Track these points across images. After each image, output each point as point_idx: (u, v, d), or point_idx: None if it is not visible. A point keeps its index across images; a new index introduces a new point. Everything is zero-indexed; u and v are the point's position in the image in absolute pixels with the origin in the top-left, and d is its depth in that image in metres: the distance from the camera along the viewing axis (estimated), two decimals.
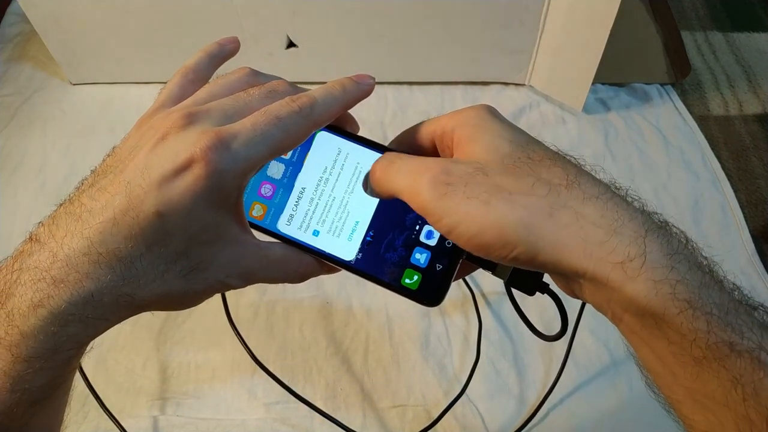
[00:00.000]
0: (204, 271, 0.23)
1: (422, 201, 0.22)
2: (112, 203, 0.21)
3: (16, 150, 0.59)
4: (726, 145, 0.63)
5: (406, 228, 0.27)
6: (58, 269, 0.21)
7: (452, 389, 0.45)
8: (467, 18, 0.58)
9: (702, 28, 0.75)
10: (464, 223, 0.21)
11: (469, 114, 0.24)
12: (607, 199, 0.21)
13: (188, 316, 0.48)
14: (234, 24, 0.58)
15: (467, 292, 0.50)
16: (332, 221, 0.28)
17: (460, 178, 0.22)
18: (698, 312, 0.19)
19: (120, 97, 0.64)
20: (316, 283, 0.50)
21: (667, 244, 0.21)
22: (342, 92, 0.26)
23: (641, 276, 0.20)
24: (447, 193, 0.22)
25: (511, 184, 0.22)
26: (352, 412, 0.44)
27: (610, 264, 0.20)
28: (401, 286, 0.27)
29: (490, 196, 0.21)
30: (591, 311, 0.50)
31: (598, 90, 0.66)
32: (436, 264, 0.27)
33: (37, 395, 0.22)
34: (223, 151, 0.21)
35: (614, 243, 0.20)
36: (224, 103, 0.24)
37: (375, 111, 0.63)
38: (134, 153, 0.23)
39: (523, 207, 0.21)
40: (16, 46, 0.68)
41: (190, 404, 0.44)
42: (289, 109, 0.24)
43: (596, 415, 0.45)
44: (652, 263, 0.20)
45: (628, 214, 0.21)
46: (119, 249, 0.21)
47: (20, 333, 0.20)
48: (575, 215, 0.21)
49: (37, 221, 0.57)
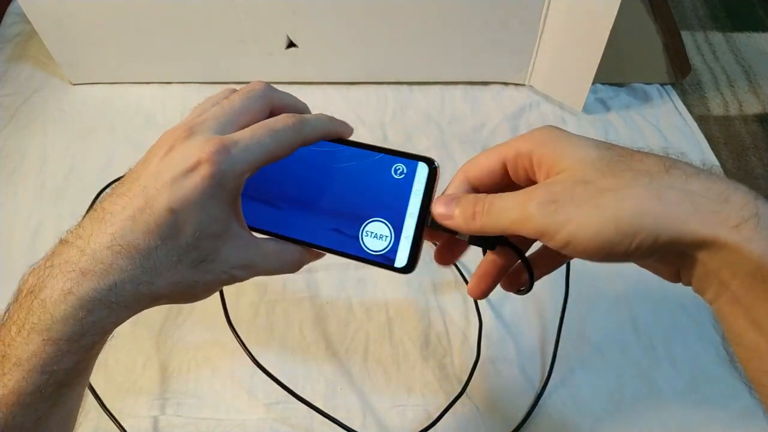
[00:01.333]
0: (212, 263, 0.26)
1: (536, 225, 0.24)
2: (131, 204, 0.25)
3: (16, 150, 0.59)
4: (726, 145, 0.63)
5: (375, 207, 0.30)
6: (86, 262, 0.24)
7: (452, 389, 0.45)
8: (467, 18, 0.58)
9: (702, 28, 0.75)
10: (581, 230, 0.23)
11: (542, 134, 0.26)
12: (708, 174, 0.23)
13: (188, 315, 0.48)
14: (234, 24, 0.58)
15: (467, 292, 0.50)
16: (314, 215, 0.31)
17: (564, 193, 0.23)
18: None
19: (120, 97, 0.64)
20: (316, 283, 0.50)
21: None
22: (330, 121, 0.30)
23: (756, 235, 0.21)
24: (557, 209, 0.23)
25: (612, 183, 0.23)
26: (351, 412, 0.44)
27: (726, 228, 0.21)
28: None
29: (599, 199, 0.23)
30: (589, 310, 0.50)
31: (598, 90, 0.66)
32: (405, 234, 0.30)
33: (63, 378, 0.24)
34: (225, 155, 0.25)
35: (727, 210, 0.22)
36: (214, 112, 0.28)
37: (375, 111, 0.63)
38: (147, 164, 0.26)
39: (632, 198, 0.22)
40: (16, 45, 0.68)
41: (190, 404, 0.44)
42: (283, 123, 0.28)
43: (595, 414, 0.45)
44: (766, 224, 0.21)
45: (732, 184, 0.23)
46: (138, 242, 0.24)
47: (52, 318, 0.23)
48: (683, 193, 0.22)
49: (37, 221, 0.57)
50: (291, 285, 0.50)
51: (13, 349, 0.24)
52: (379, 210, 0.30)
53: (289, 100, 0.32)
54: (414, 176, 0.30)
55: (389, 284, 0.51)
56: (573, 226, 0.23)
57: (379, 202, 0.30)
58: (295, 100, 0.32)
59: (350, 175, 0.31)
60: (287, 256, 0.31)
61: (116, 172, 0.54)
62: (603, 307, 0.50)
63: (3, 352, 0.24)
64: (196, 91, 0.64)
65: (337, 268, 0.51)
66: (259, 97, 0.29)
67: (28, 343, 0.24)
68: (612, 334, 0.48)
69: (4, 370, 0.24)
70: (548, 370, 0.46)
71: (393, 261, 0.30)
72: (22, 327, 0.24)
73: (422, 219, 0.29)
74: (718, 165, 0.60)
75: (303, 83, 0.65)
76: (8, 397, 0.23)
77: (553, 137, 0.26)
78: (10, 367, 0.24)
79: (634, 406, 0.45)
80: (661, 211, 0.22)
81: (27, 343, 0.24)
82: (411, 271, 0.30)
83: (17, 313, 0.25)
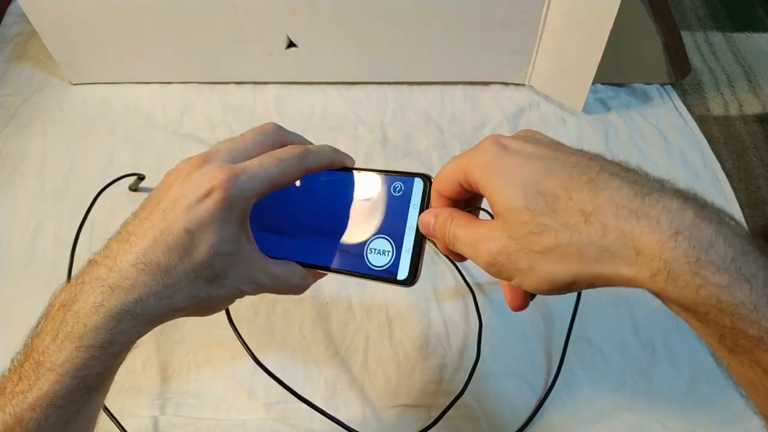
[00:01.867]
0: (224, 279, 0.29)
1: (488, 272, 0.27)
2: (153, 227, 0.28)
3: (16, 150, 0.59)
4: (726, 145, 0.63)
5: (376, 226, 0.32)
6: (114, 278, 0.27)
7: (452, 389, 0.45)
8: (467, 18, 0.58)
9: (702, 28, 0.75)
10: (524, 285, 0.26)
11: (480, 161, 0.27)
12: (622, 223, 0.23)
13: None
14: (234, 24, 0.58)
15: (468, 292, 0.50)
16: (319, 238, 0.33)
17: (501, 254, 0.26)
18: (722, 313, 0.21)
19: (120, 97, 0.64)
20: (316, 283, 0.50)
21: (690, 248, 0.22)
22: (333, 152, 0.33)
23: (669, 286, 0.22)
24: (500, 271, 0.26)
25: (536, 243, 0.25)
26: (351, 412, 0.44)
27: (642, 280, 0.23)
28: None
29: (530, 263, 0.25)
30: (588, 311, 0.50)
31: (598, 90, 0.66)
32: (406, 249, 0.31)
33: (93, 382, 0.27)
34: (235, 181, 0.28)
35: (640, 262, 0.23)
36: (228, 145, 0.31)
37: (375, 111, 0.63)
38: (165, 190, 0.29)
39: (558, 261, 0.24)
40: (16, 45, 0.68)
41: (191, 404, 0.44)
42: (288, 153, 0.30)
43: (596, 414, 0.45)
44: (675, 272, 0.22)
45: (647, 229, 0.23)
46: (160, 260, 0.27)
47: (85, 327, 0.26)
48: (600, 249, 0.24)
49: (37, 221, 0.57)
50: None
51: (48, 356, 0.26)
52: (380, 227, 0.32)
53: (298, 138, 0.34)
54: (411, 192, 0.31)
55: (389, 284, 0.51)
56: (516, 281, 0.26)
57: (380, 219, 0.32)
58: (302, 138, 0.34)
59: (352, 198, 0.33)
60: (294, 278, 0.33)
61: (116, 172, 0.54)
62: (603, 307, 0.50)
63: (37, 359, 0.26)
64: (196, 91, 0.64)
65: None
66: (270, 134, 0.32)
67: (62, 349, 0.26)
68: (612, 334, 0.48)
69: (38, 375, 0.26)
70: (555, 372, 0.46)
71: (396, 275, 0.31)
72: (56, 336, 0.26)
73: (420, 232, 0.30)
74: (718, 165, 0.60)
75: (303, 83, 0.65)
76: (42, 399, 0.25)
77: (489, 169, 0.27)
78: (44, 372, 0.26)
79: (635, 406, 0.45)
80: (584, 267, 0.24)
81: (61, 350, 0.26)
82: (413, 283, 0.31)
83: (50, 324, 0.27)
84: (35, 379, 0.26)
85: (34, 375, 0.26)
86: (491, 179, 0.26)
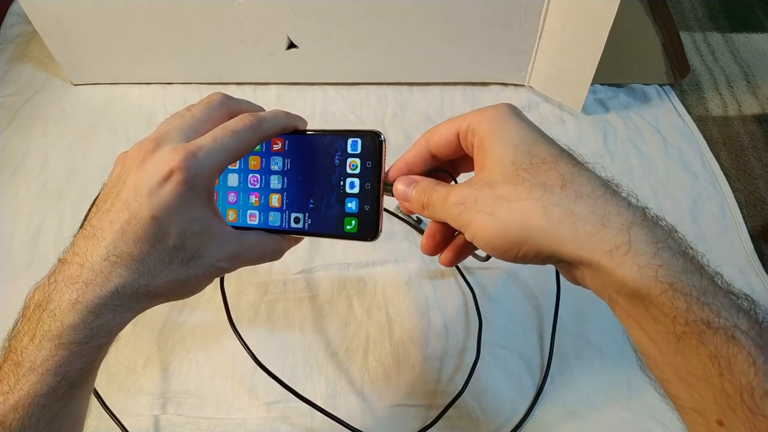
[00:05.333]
0: (200, 258, 0.29)
1: (453, 221, 0.28)
2: (118, 218, 0.27)
3: (17, 150, 0.59)
4: (725, 145, 0.63)
5: (335, 186, 0.33)
6: (87, 274, 0.26)
7: (452, 389, 0.45)
8: (467, 18, 0.58)
9: (701, 29, 0.75)
10: (479, 232, 0.26)
11: (489, 115, 0.28)
12: (597, 197, 0.24)
13: (189, 315, 0.48)
14: (234, 24, 0.58)
15: (467, 291, 0.50)
16: (283, 204, 0.34)
17: (471, 196, 0.27)
18: (678, 293, 0.22)
19: (121, 97, 0.64)
20: (316, 283, 0.51)
21: (651, 233, 0.23)
22: (285, 116, 0.33)
23: (627, 261, 0.23)
24: (462, 212, 0.27)
25: (510, 192, 0.25)
26: (352, 412, 0.44)
27: (600, 252, 0.23)
28: (345, 232, 0.33)
29: (494, 208, 0.25)
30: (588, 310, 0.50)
31: (597, 90, 0.66)
32: (365, 206, 0.32)
33: (75, 378, 0.27)
34: (193, 160, 0.27)
35: (602, 234, 0.23)
36: (177, 123, 0.30)
37: (375, 111, 0.64)
38: (123, 179, 0.28)
39: (520, 212, 0.25)
40: (17, 46, 0.68)
41: (191, 403, 0.44)
42: (242, 123, 0.30)
43: (594, 413, 0.45)
44: (637, 250, 0.23)
45: (616, 209, 0.24)
46: (131, 251, 0.27)
47: (62, 325, 0.26)
48: (566, 212, 0.24)
49: (38, 221, 0.57)
50: (291, 285, 0.50)
51: (27, 356, 0.26)
52: (340, 186, 0.32)
53: (247, 105, 0.33)
54: (367, 149, 0.32)
55: (389, 284, 0.51)
56: (473, 227, 0.26)
57: (339, 179, 0.33)
58: (252, 105, 0.34)
59: (309, 160, 0.33)
60: (268, 244, 0.33)
61: None
62: (601, 305, 0.50)
63: (16, 360, 0.26)
64: (196, 91, 0.64)
65: (337, 268, 0.52)
66: (219, 106, 0.31)
67: (41, 349, 0.26)
68: (610, 333, 0.49)
69: (18, 376, 0.26)
70: (545, 368, 0.46)
71: (359, 231, 0.32)
72: (33, 336, 0.26)
73: (378, 188, 0.32)
74: (717, 165, 0.60)
75: (303, 84, 0.65)
76: (24, 400, 0.25)
77: (494, 121, 0.28)
78: (24, 373, 0.26)
79: (633, 405, 0.45)
80: (543, 226, 0.24)
81: (39, 349, 0.26)
82: (376, 238, 0.32)
83: (27, 326, 0.27)
84: (15, 381, 0.26)
85: (14, 376, 0.26)
86: (494, 133, 0.27)
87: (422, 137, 0.31)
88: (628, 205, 0.24)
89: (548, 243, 0.24)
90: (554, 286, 0.48)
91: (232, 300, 0.45)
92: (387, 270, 0.52)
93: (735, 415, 0.21)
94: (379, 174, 0.31)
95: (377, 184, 0.32)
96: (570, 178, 0.25)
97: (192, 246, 0.28)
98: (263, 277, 0.51)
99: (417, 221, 0.53)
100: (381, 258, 0.52)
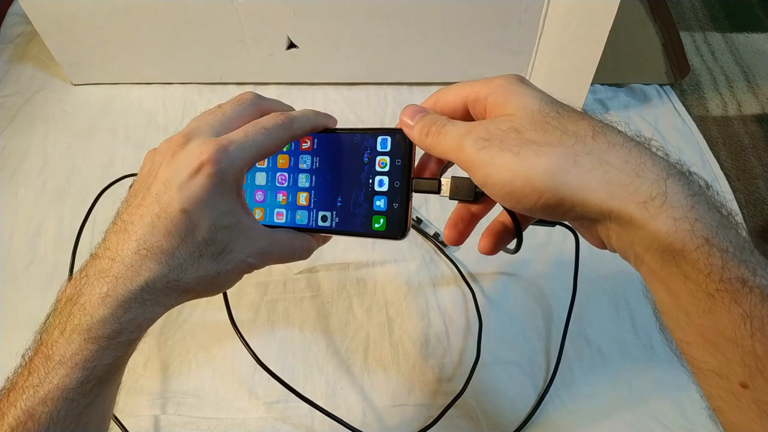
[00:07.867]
0: (230, 253, 0.29)
1: (465, 156, 0.25)
2: (148, 212, 0.27)
3: (17, 150, 0.59)
4: (725, 145, 0.63)
5: (363, 185, 0.32)
6: (117, 268, 0.26)
7: (452, 389, 0.45)
8: (467, 18, 0.58)
9: (701, 29, 0.75)
10: (497, 173, 0.24)
11: (501, 81, 0.27)
12: (631, 147, 0.23)
13: (189, 315, 0.48)
14: (234, 24, 0.58)
15: (467, 292, 0.50)
16: (310, 203, 0.34)
17: (496, 134, 0.25)
18: (714, 248, 0.21)
19: (121, 97, 0.64)
20: (316, 282, 0.51)
21: (688, 186, 0.22)
22: (315, 116, 0.32)
23: (662, 214, 0.21)
24: (484, 147, 0.25)
25: (540, 137, 0.24)
26: (352, 412, 0.44)
27: (633, 203, 0.22)
28: (373, 231, 0.32)
29: (521, 149, 0.24)
30: (588, 310, 0.50)
31: (597, 90, 0.66)
32: (393, 204, 0.31)
33: (103, 373, 0.27)
34: (224, 153, 0.27)
35: (637, 184, 0.22)
36: (208, 119, 0.30)
37: (375, 111, 0.64)
38: (153, 173, 0.28)
39: (549, 156, 0.23)
40: (17, 46, 0.68)
41: (191, 403, 0.44)
42: (273, 121, 0.30)
43: (595, 414, 0.45)
44: (673, 202, 0.22)
45: (651, 159, 0.23)
46: (162, 244, 0.27)
47: (92, 318, 0.26)
48: (600, 161, 0.23)
49: (38, 221, 0.57)
50: (292, 284, 0.50)
51: (57, 350, 0.26)
52: (369, 185, 0.32)
53: (278, 105, 0.33)
54: (396, 147, 0.31)
55: (389, 284, 0.51)
56: (492, 167, 0.24)
57: (368, 177, 0.32)
58: (283, 105, 0.33)
59: (339, 159, 0.33)
60: (297, 242, 0.33)
61: (117, 172, 0.54)
62: (602, 307, 0.50)
63: (47, 353, 0.26)
64: (197, 91, 0.64)
65: (337, 268, 0.52)
66: (250, 104, 0.31)
67: (70, 342, 0.26)
68: (611, 333, 0.49)
69: (48, 369, 0.26)
70: (553, 370, 0.46)
71: (389, 230, 0.32)
72: (63, 330, 0.26)
73: (407, 186, 0.31)
74: (717, 165, 0.60)
75: (303, 84, 0.65)
76: (53, 393, 0.25)
77: (507, 85, 0.27)
78: (53, 366, 0.26)
79: (634, 405, 0.45)
80: (571, 175, 0.23)
81: (69, 343, 0.26)
82: (405, 236, 0.31)
83: (58, 319, 0.27)
84: (45, 373, 0.26)
85: (44, 369, 0.26)
86: (506, 94, 0.26)
87: (432, 96, 0.31)
88: (661, 157, 0.23)
89: (575, 193, 0.23)
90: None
91: (232, 300, 0.45)
92: (387, 270, 0.52)
93: (762, 377, 0.20)
94: (408, 172, 0.31)
95: (406, 182, 0.31)
96: (601, 129, 0.24)
97: (222, 240, 0.28)
98: (263, 277, 0.51)
99: (417, 221, 0.53)
100: (381, 258, 0.52)
